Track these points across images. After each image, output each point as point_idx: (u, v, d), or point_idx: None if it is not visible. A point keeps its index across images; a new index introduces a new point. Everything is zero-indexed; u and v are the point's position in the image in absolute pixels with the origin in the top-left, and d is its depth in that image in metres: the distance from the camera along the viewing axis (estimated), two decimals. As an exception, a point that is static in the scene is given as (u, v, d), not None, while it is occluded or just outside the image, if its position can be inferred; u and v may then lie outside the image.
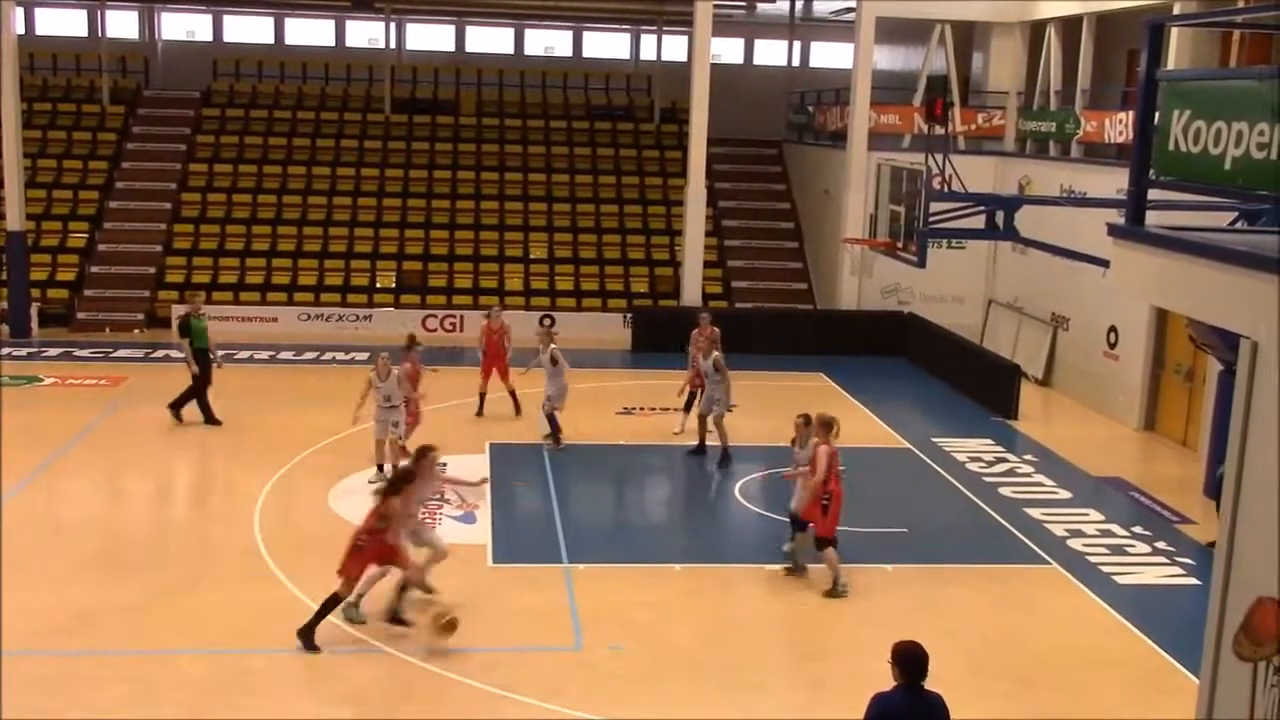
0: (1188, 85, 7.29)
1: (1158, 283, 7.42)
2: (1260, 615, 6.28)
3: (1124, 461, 18.79)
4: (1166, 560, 14.41)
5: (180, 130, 31.81)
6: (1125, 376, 20.87)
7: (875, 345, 25.43)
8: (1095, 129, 22.50)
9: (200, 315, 19.00)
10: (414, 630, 11.59)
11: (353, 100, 34.20)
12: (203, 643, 11.41)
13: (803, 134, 32.31)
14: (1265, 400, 6.40)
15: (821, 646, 11.98)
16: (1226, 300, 6.59)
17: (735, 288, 28.88)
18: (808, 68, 38.39)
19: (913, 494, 16.90)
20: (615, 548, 14.48)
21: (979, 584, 13.57)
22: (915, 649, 7.16)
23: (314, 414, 19.49)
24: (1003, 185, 24.70)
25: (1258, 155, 6.16)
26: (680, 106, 31.90)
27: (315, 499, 15.56)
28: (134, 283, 27.30)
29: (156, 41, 37.77)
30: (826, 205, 28.36)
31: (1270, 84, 6.39)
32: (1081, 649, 11.97)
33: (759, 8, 35.41)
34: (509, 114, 33.96)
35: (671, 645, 11.75)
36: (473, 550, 13.98)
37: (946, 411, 21.55)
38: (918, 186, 17.17)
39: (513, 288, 28.32)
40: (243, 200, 29.77)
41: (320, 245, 28.87)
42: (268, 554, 13.62)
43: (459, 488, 14.06)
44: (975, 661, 11.51)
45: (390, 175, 31.03)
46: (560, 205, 30.67)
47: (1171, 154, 6.97)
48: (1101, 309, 21.36)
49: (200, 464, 17.74)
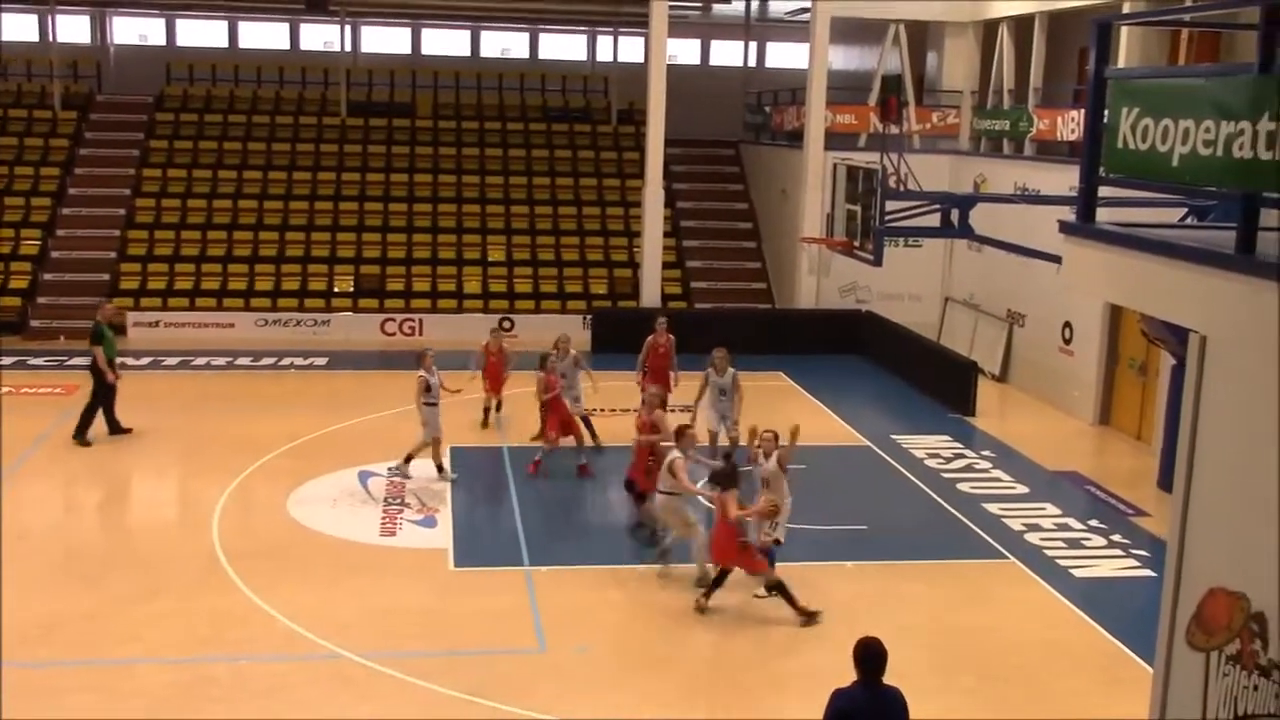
0: (1136, 83, 7.38)
1: (1108, 279, 7.52)
2: (1211, 606, 6.39)
3: (1080, 456, 19.00)
4: (1122, 553, 14.58)
5: (134, 135, 31.49)
6: (1080, 372, 21.10)
7: (833, 344, 25.56)
8: (1048, 127, 22.73)
9: (109, 325, 18.51)
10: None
11: (308, 104, 33.98)
12: (163, 651, 11.32)
13: (759, 134, 32.44)
14: (1215, 393, 6.51)
15: (783, 643, 12.04)
16: (1175, 295, 6.69)
17: (694, 288, 28.93)
18: (764, 68, 38.54)
19: (872, 491, 17.01)
20: (577, 549, 14.48)
21: (938, 579, 13.69)
22: (874, 645, 7.23)
23: (272, 420, 19.39)
24: (958, 183, 24.90)
25: (1204, 152, 6.25)
26: (637, 108, 31.94)
27: (274, 505, 15.47)
28: (88, 290, 26.96)
29: (108, 46, 37.36)
30: (784, 205, 28.49)
31: (1216, 82, 6.50)
32: (1040, 642, 12.10)
33: (715, 9, 35.53)
34: (466, 116, 33.86)
35: (635, 645, 11.79)
36: (434, 554, 13.95)
37: (905, 409, 21.70)
38: (874, 185, 17.26)
39: (471, 290, 28.25)
40: (198, 205, 29.51)
41: (277, 250, 28.66)
42: (226, 561, 13.52)
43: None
44: (936, 656, 11.61)
45: (347, 179, 30.85)
46: (518, 207, 30.62)
47: (1121, 151, 7.05)
48: (1056, 305, 21.59)
49: (158, 471, 17.57)
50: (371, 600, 12.58)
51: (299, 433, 18.58)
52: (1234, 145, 5.99)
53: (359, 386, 22.51)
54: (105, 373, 18.09)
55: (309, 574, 13.25)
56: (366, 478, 16.58)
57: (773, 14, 36.97)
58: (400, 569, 13.53)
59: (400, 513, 15.25)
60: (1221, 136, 6.09)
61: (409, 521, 14.99)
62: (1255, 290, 5.84)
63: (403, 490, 16.08)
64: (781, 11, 35.98)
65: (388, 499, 15.75)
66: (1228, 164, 6.06)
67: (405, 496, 15.85)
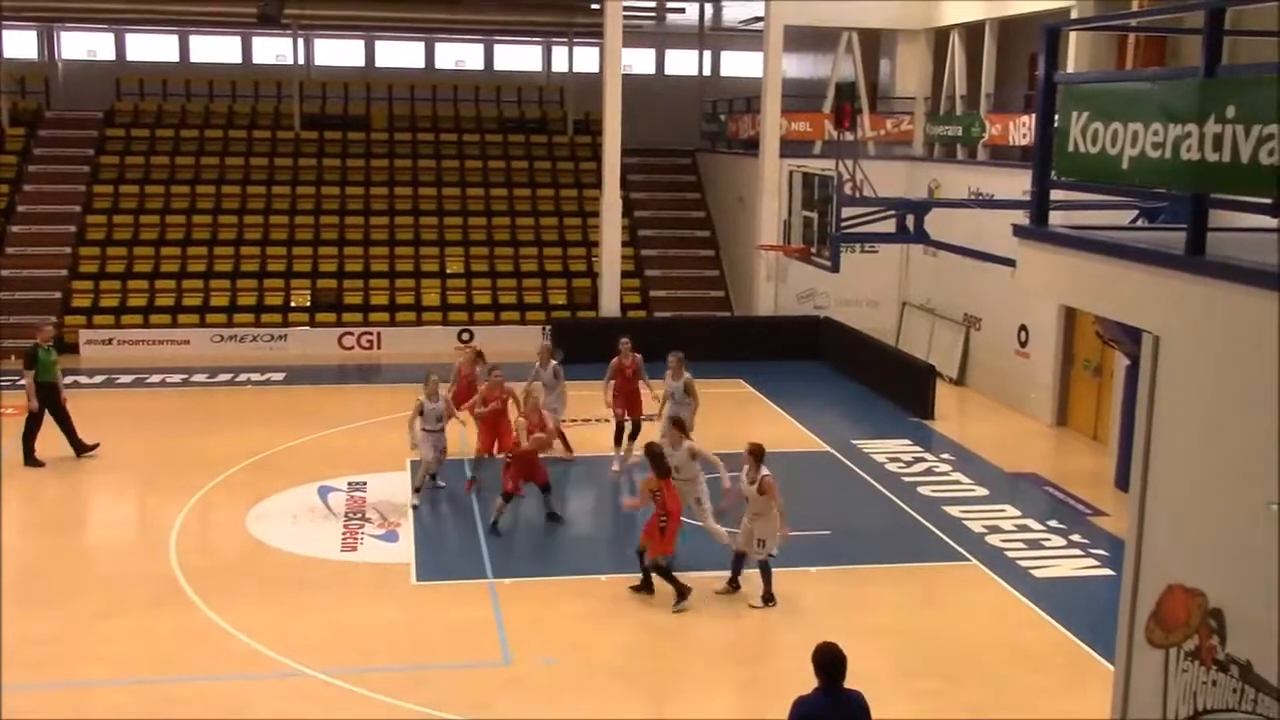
0: (1085, 88, 7.47)
1: (1062, 281, 7.60)
2: (1170, 603, 6.46)
3: (1038, 457, 19.16)
4: (1081, 552, 14.71)
5: (84, 151, 31.15)
6: (1036, 374, 21.29)
7: (792, 350, 25.66)
8: (1000, 132, 22.95)
9: (49, 347, 17.97)
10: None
11: (261, 118, 33.76)
12: (123, 672, 11.18)
13: (715, 142, 32.55)
14: (1169, 393, 6.59)
15: (748, 651, 12.06)
16: (1128, 297, 6.78)
17: (653, 297, 28.97)
18: (719, 77, 38.68)
19: (833, 496, 17.07)
20: (540, 561, 14.45)
21: (901, 583, 13.76)
22: (832, 651, 7.26)
23: (230, 436, 19.22)
24: (912, 189, 25.09)
25: (1153, 154, 6.33)
26: (593, 118, 31.95)
27: (232, 522, 15.33)
28: (39, 308, 26.59)
29: (57, 61, 36.96)
30: (740, 213, 28.58)
31: (1163, 85, 6.59)
32: (1002, 642, 12.18)
33: (669, 18, 35.63)
34: (421, 128, 33.76)
35: (600, 656, 11.75)
36: (396, 569, 13.87)
37: (864, 413, 21.80)
38: (829, 192, 17.37)
39: (430, 303, 28.15)
40: (150, 221, 29.23)
41: (232, 265, 28.44)
42: (185, 580, 13.38)
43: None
44: (900, 660, 11.66)
45: (302, 193, 30.67)
46: (476, 219, 30.55)
47: (1071, 155, 7.13)
48: (1011, 308, 21.77)
49: (114, 490, 17.36)
50: (333, 616, 12.48)
51: (257, 449, 18.42)
52: (1182, 147, 6.07)
53: (317, 401, 22.35)
54: (30, 399, 17.68)
55: (269, 591, 13.14)
56: (326, 493, 16.47)
57: (727, 23, 37.10)
58: (362, 584, 13.44)
59: (361, 527, 15.15)
60: (1170, 139, 6.18)
61: (370, 536, 14.90)
62: (1207, 290, 5.92)
63: (364, 505, 15.98)
64: (735, 20, 36.12)
65: (348, 514, 15.65)
66: (1177, 166, 6.15)
67: (366, 511, 15.75)
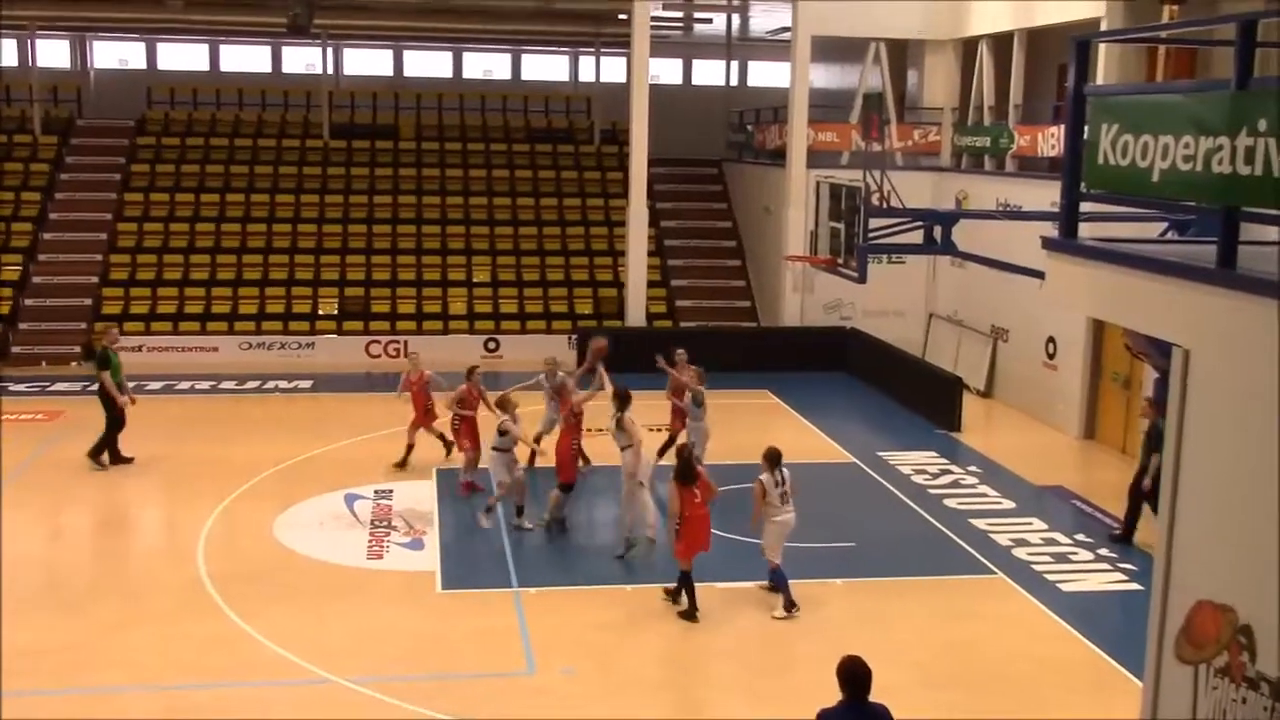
0: (1115, 100, 7.43)
1: (1091, 294, 7.55)
2: (1199, 619, 6.40)
3: (1065, 470, 19.04)
4: (1109, 567, 14.60)
5: (115, 160, 31.42)
6: (1064, 386, 21.17)
7: (818, 361, 25.59)
8: (1028, 143, 22.85)
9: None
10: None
11: (290, 126, 33.98)
12: (149, 679, 11.24)
13: (742, 152, 32.53)
14: (1198, 407, 6.54)
15: (772, 663, 12.02)
16: (1158, 310, 6.72)
17: (679, 306, 28.96)
18: (746, 87, 38.69)
19: (859, 508, 17.01)
20: (565, 570, 14.45)
21: (927, 596, 13.69)
22: (856, 665, 7.23)
23: (257, 444, 19.32)
24: (940, 200, 25.00)
25: (1184, 167, 6.29)
26: (620, 127, 32.01)
27: (260, 529, 15.39)
28: (70, 315, 26.88)
29: (89, 70, 37.32)
30: (767, 223, 28.55)
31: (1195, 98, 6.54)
32: (1029, 657, 12.10)
33: (696, 28, 35.66)
34: (449, 138, 33.89)
35: (624, 667, 11.74)
36: (421, 576, 13.90)
37: (890, 425, 21.72)
38: (856, 203, 17.31)
39: (456, 311, 28.23)
40: (180, 229, 29.45)
41: (260, 273, 28.60)
42: (212, 586, 13.45)
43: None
44: (925, 673, 11.60)
45: (330, 201, 30.83)
46: (502, 228, 30.63)
47: (1101, 167, 7.09)
48: (1039, 320, 21.67)
49: (142, 496, 17.48)
50: (359, 624, 12.52)
51: (284, 456, 18.50)
52: (1213, 160, 6.03)
53: (344, 409, 22.43)
54: (116, 398, 18.00)
55: (295, 598, 13.19)
56: (353, 501, 16.53)
57: (754, 33, 37.12)
58: (387, 592, 13.48)
59: (387, 535, 15.20)
60: (1201, 152, 6.13)
61: (396, 544, 14.94)
62: (1237, 304, 5.87)
63: (390, 513, 16.03)
64: (763, 31, 36.12)
65: (374, 522, 15.70)
66: (1208, 179, 6.10)
67: (392, 519, 15.80)
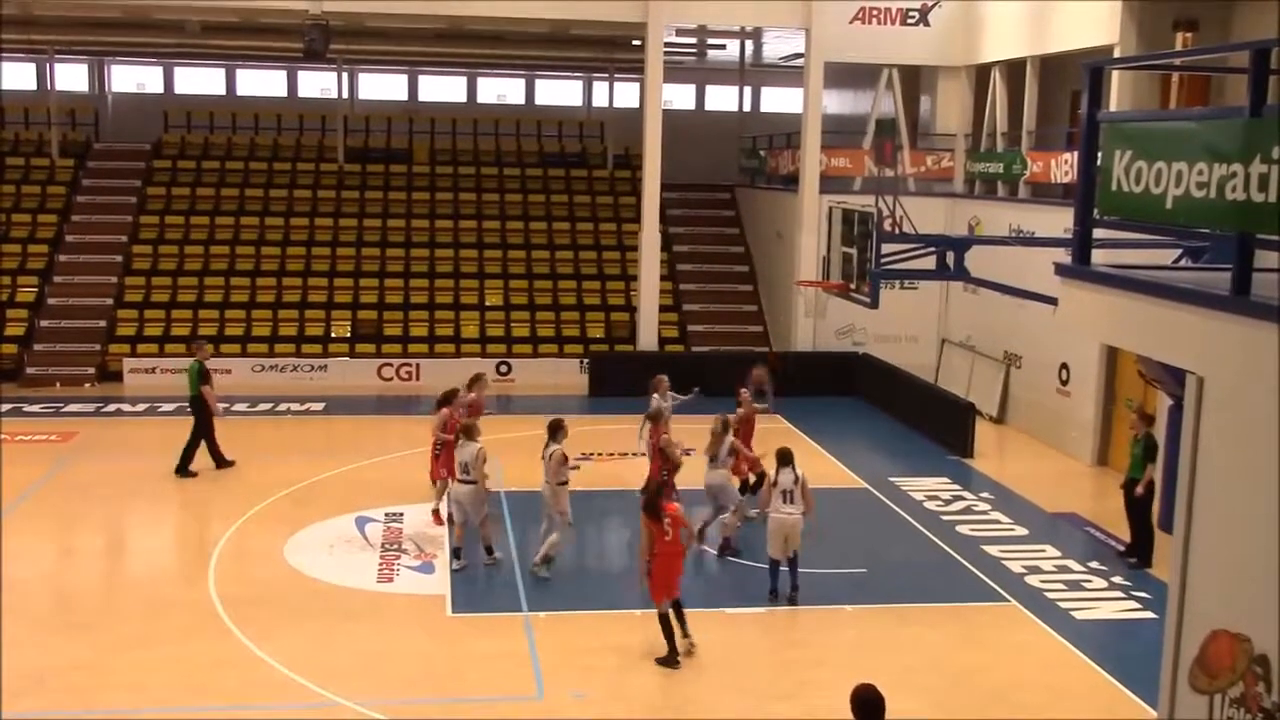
0: (1128, 126, 7.43)
1: (1104, 320, 7.53)
2: (1214, 648, 6.35)
3: (1078, 497, 18.95)
4: (1123, 594, 14.51)
5: (131, 183, 31.62)
6: (1078, 412, 21.09)
7: (830, 386, 25.55)
8: (1041, 169, 22.86)
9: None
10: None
11: (306, 150, 34.17)
12: (159, 701, 11.23)
13: (755, 178, 32.60)
14: (1213, 434, 6.51)
15: (783, 688, 11.95)
16: (1172, 337, 6.70)
17: (691, 331, 28.97)
18: (758, 112, 38.79)
19: (871, 534, 16.94)
20: (576, 595, 14.39)
21: (939, 622, 13.62)
22: (870, 693, 7.19)
23: (269, 466, 19.34)
24: (953, 226, 25.00)
25: (1197, 194, 6.27)
26: (633, 152, 32.11)
27: (271, 552, 15.39)
28: (85, 336, 27.01)
29: (106, 94, 37.63)
30: (779, 248, 28.58)
31: (1208, 125, 6.54)
32: (1042, 685, 12.02)
33: (709, 54, 35.79)
34: (462, 162, 34.04)
35: (634, 692, 11.69)
36: (432, 600, 13.88)
37: (903, 451, 21.66)
38: (869, 228, 17.33)
39: (469, 335, 28.28)
40: (195, 252, 29.59)
41: (274, 296, 28.71)
42: (223, 608, 13.44)
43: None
44: (937, 701, 11.52)
45: (344, 225, 30.97)
46: (515, 252, 30.72)
47: (1114, 194, 7.08)
48: (1053, 346, 21.61)
49: (154, 518, 17.49)
50: (368, 647, 12.50)
51: (296, 479, 18.52)
52: (1227, 187, 6.02)
53: (356, 432, 22.47)
54: (214, 409, 18.81)
55: (306, 621, 13.17)
56: (364, 524, 16.52)
57: (767, 59, 37.24)
58: (398, 615, 13.45)
59: (397, 559, 15.18)
60: (1214, 179, 6.12)
61: (406, 568, 14.92)
62: (1251, 331, 5.85)
63: (400, 536, 16.02)
64: (776, 56, 36.25)
65: (385, 545, 15.68)
66: (1221, 206, 6.09)
67: (403, 542, 15.78)
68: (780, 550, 13.76)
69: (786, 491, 13.62)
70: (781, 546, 13.73)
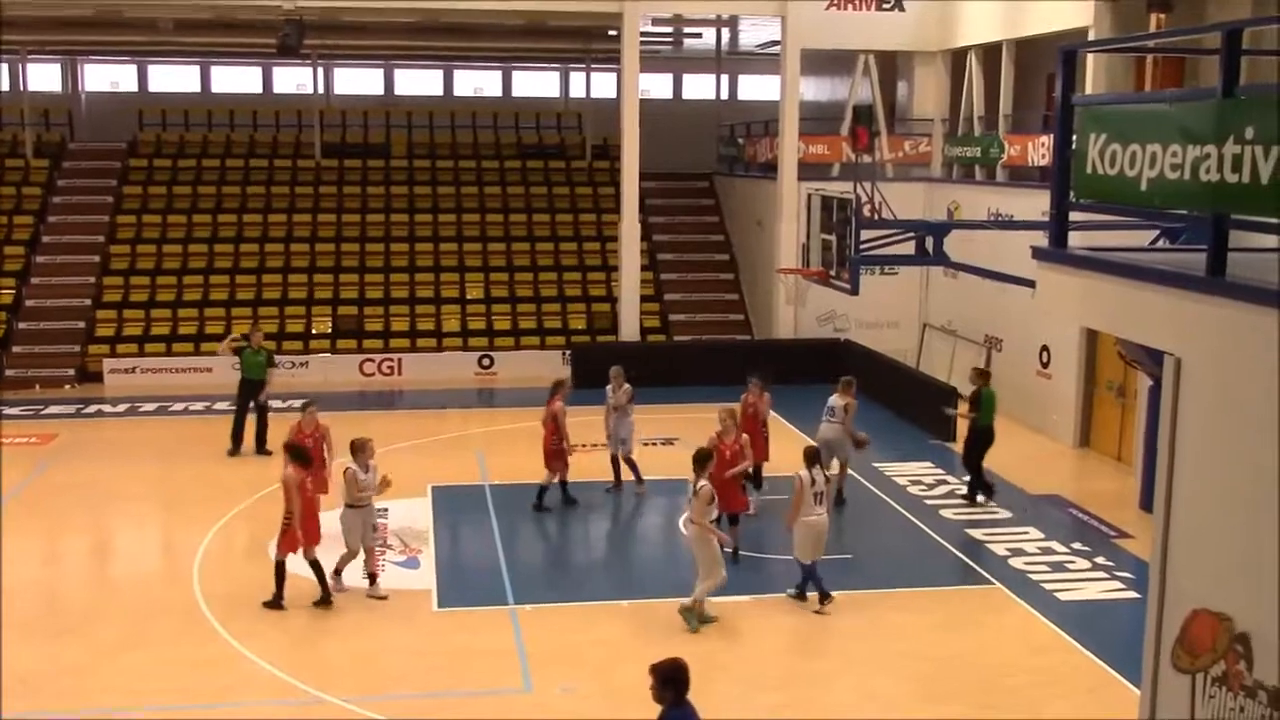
0: (1103, 109, 7.46)
1: (1083, 303, 7.57)
2: (1196, 627, 6.39)
3: (1061, 479, 19.03)
4: (1106, 575, 14.60)
5: (107, 182, 31.42)
6: (1059, 395, 21.18)
7: (813, 373, 25.47)
8: (1019, 153, 22.91)
9: (257, 349, 20.06)
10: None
11: (282, 146, 34.00)
12: (145, 701, 11.19)
13: (733, 166, 32.58)
14: (1191, 414, 6.54)
15: (771, 677, 11.98)
16: (1149, 318, 6.74)
17: (673, 320, 28.97)
18: (736, 101, 38.76)
19: (855, 520, 16.98)
20: (561, 587, 14.40)
21: (925, 607, 13.67)
22: (677, 665, 7.61)
23: (252, 464, 19.26)
24: (932, 211, 25.04)
25: (1171, 176, 6.31)
26: (611, 143, 32.06)
27: (255, 550, 15.33)
28: (63, 338, 26.86)
29: (80, 93, 37.35)
30: (759, 236, 28.59)
31: (1182, 107, 6.56)
32: (1027, 666, 12.08)
33: (686, 43, 35.76)
34: (440, 155, 33.94)
35: (622, 684, 11.69)
36: (417, 595, 13.86)
37: (886, 436, 21.65)
38: (848, 215, 17.36)
39: (450, 329, 28.23)
40: (173, 251, 29.43)
41: (254, 293, 28.58)
42: (208, 608, 13.40)
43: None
44: (924, 685, 11.57)
45: (323, 220, 30.83)
46: (495, 245, 30.65)
47: (1090, 176, 7.11)
48: (1033, 329, 21.68)
49: (137, 519, 17.42)
50: (355, 643, 12.48)
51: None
52: (1201, 169, 6.05)
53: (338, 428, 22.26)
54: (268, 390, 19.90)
55: (291, 618, 13.14)
56: (348, 520, 16.43)
57: (744, 47, 37.22)
58: (383, 611, 13.43)
59: (382, 554, 15.14)
60: (1188, 160, 6.15)
61: (392, 563, 14.89)
62: (1227, 312, 5.89)
63: (385, 532, 15.98)
64: (752, 44, 36.23)
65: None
66: (1196, 187, 6.12)
67: (387, 538, 15.75)
68: (813, 554, 13.32)
69: (817, 493, 13.30)
70: (814, 549, 13.32)
